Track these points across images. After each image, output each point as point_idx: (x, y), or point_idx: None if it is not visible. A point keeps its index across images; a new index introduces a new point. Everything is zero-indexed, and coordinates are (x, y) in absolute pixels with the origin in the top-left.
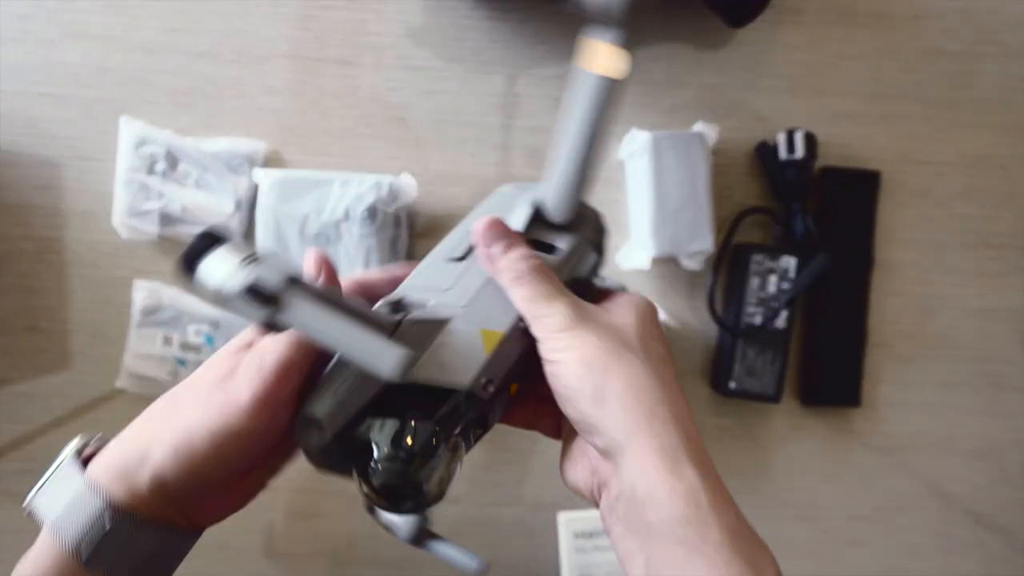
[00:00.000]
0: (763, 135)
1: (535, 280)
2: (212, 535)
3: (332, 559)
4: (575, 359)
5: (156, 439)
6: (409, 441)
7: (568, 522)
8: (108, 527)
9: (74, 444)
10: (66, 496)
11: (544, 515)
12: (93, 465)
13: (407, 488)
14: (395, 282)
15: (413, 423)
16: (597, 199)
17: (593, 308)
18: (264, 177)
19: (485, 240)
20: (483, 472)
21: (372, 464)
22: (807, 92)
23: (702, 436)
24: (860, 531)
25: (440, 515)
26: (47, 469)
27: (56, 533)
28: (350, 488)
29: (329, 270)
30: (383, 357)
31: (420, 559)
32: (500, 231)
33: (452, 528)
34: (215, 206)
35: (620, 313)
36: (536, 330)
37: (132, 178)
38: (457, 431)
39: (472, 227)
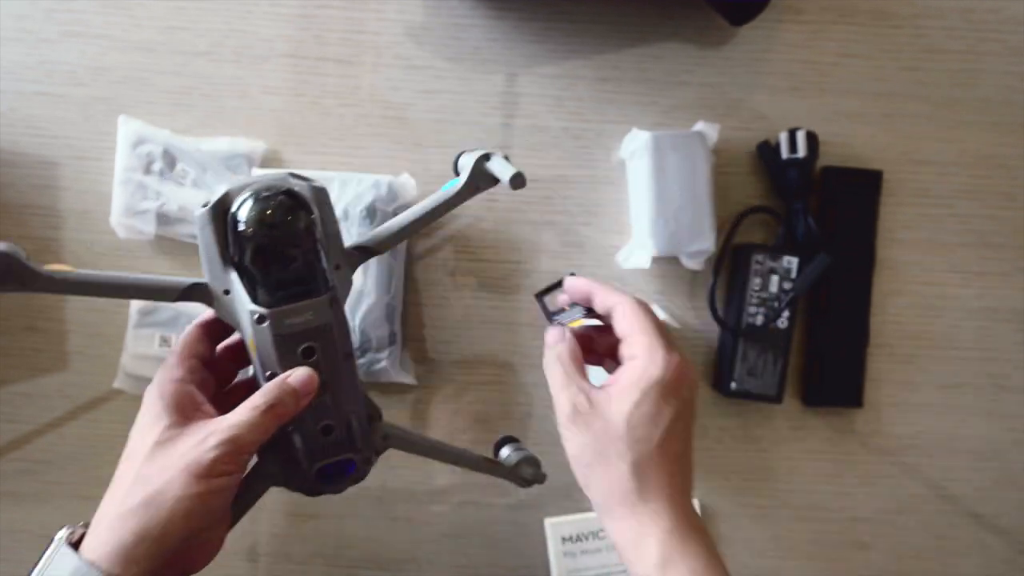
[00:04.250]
0: (764, 134)
1: (551, 368)
2: None
3: (331, 560)
4: (569, 450)
5: (148, 525)
6: None
7: (554, 527)
8: None
9: (63, 534)
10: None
11: (536, 515)
12: (85, 549)
13: None
14: None
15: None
16: (598, 198)
17: (594, 397)
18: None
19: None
20: (478, 473)
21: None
22: (809, 91)
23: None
24: (862, 532)
25: (434, 516)
26: (46, 470)
27: None
28: (351, 490)
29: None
30: None
31: (420, 559)
32: (559, 332)
33: (446, 530)
34: None
35: (620, 400)
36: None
37: (130, 178)
38: None
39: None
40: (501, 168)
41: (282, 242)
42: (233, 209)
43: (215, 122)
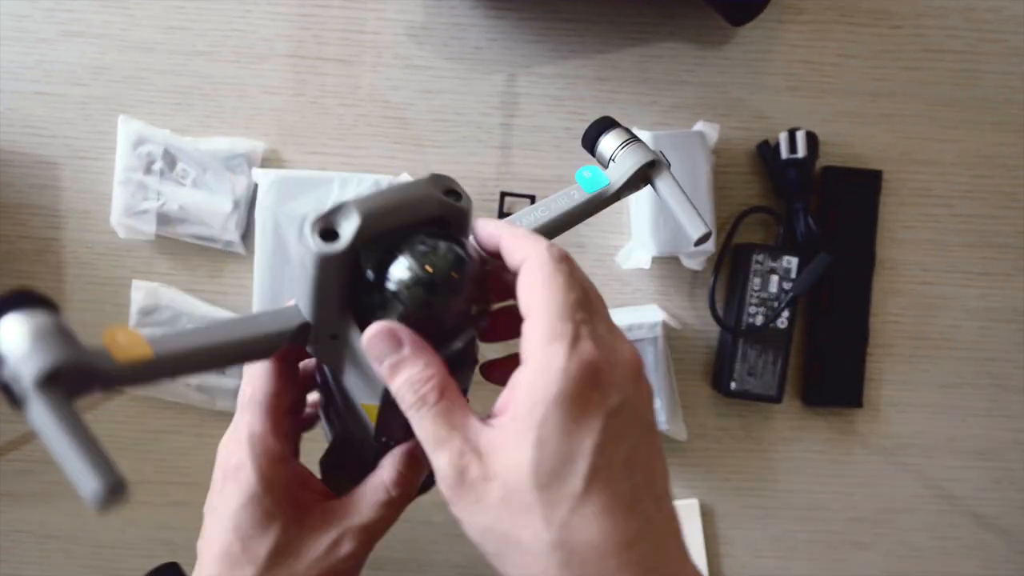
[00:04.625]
0: (764, 134)
1: (415, 418)
2: None
3: None
4: (467, 533)
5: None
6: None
7: None
8: None
9: None
10: None
11: None
12: None
13: None
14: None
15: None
16: None
17: (484, 448)
18: (263, 177)
19: (372, 354)
20: None
21: None
22: (809, 91)
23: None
24: (862, 532)
25: (434, 516)
26: (46, 470)
27: None
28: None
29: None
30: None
31: (420, 559)
32: (388, 344)
33: (446, 529)
34: (213, 206)
35: (517, 446)
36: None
37: (130, 177)
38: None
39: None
40: (678, 205)
41: (442, 306)
42: (373, 259)
43: (215, 122)
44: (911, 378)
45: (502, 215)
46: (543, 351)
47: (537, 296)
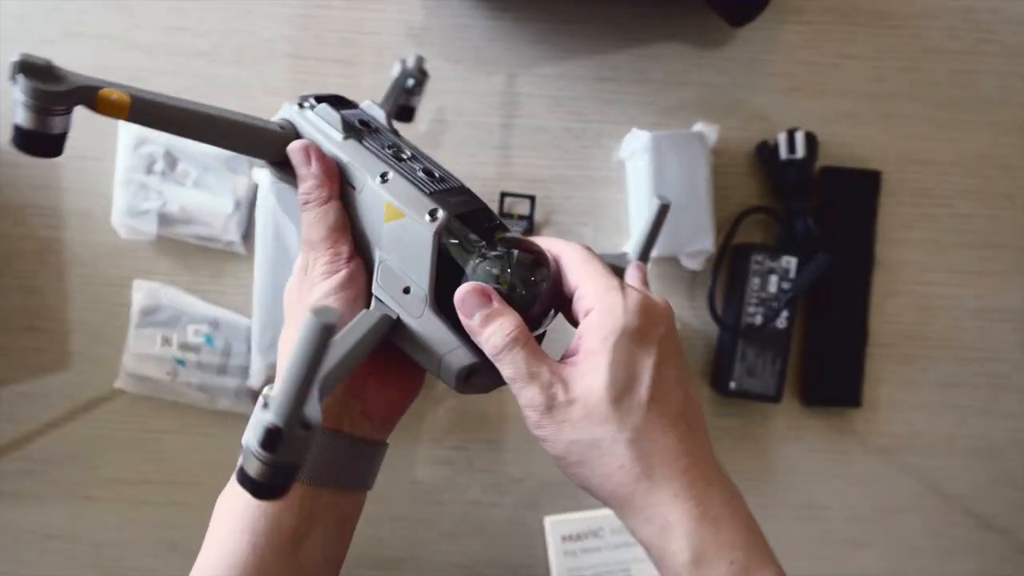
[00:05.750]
0: (764, 135)
1: (507, 358)
2: None
3: None
4: (552, 451)
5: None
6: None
7: (554, 525)
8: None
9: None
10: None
11: (536, 514)
12: None
13: None
14: None
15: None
16: (598, 198)
17: (567, 378)
18: (263, 177)
19: (464, 310)
20: (478, 472)
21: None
22: (808, 92)
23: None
24: (861, 531)
25: (434, 515)
26: (47, 469)
27: None
28: None
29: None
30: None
31: (420, 558)
32: (479, 299)
33: (446, 529)
34: (214, 206)
35: (593, 371)
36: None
37: (131, 178)
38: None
39: (456, 294)
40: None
41: (526, 306)
42: (472, 264)
43: None
44: (910, 378)
45: (502, 215)
46: (602, 299)
47: (580, 273)
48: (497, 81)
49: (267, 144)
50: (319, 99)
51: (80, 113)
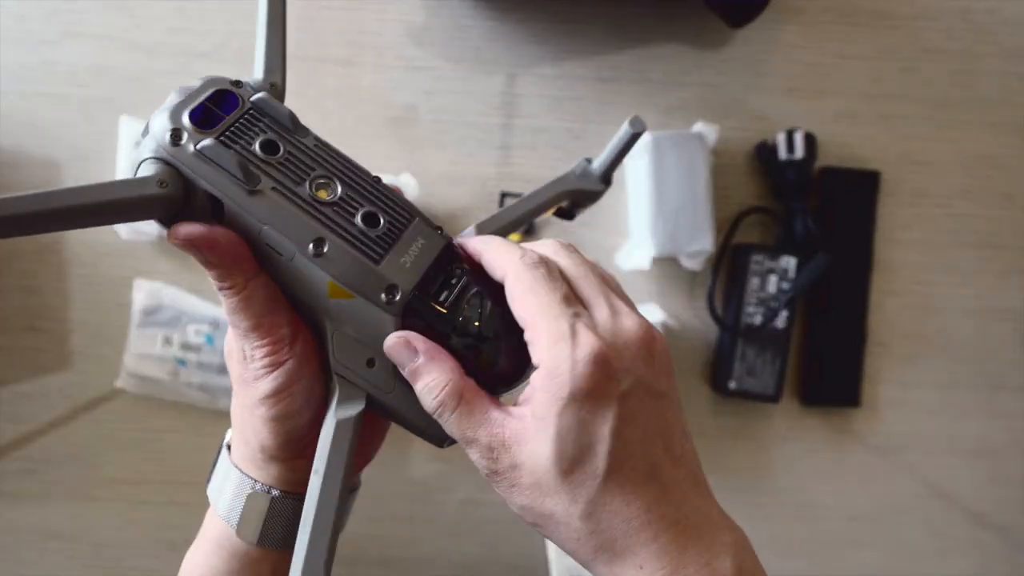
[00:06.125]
0: (763, 135)
1: (442, 421)
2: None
3: (336, 559)
4: (509, 506)
5: (241, 426)
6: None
7: None
8: (264, 505)
9: (227, 436)
10: (228, 484)
11: None
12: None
13: None
14: None
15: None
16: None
17: (509, 439)
18: None
19: (395, 360)
20: (478, 471)
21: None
22: (807, 92)
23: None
24: (859, 531)
25: (434, 514)
26: (47, 469)
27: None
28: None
29: None
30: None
31: (420, 557)
32: (403, 351)
33: (447, 528)
34: None
35: (539, 438)
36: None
37: None
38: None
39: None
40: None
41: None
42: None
43: None
44: (908, 378)
45: None
46: (548, 353)
47: (527, 307)
48: (497, 81)
49: (145, 214)
50: (196, 113)
51: (80, 113)
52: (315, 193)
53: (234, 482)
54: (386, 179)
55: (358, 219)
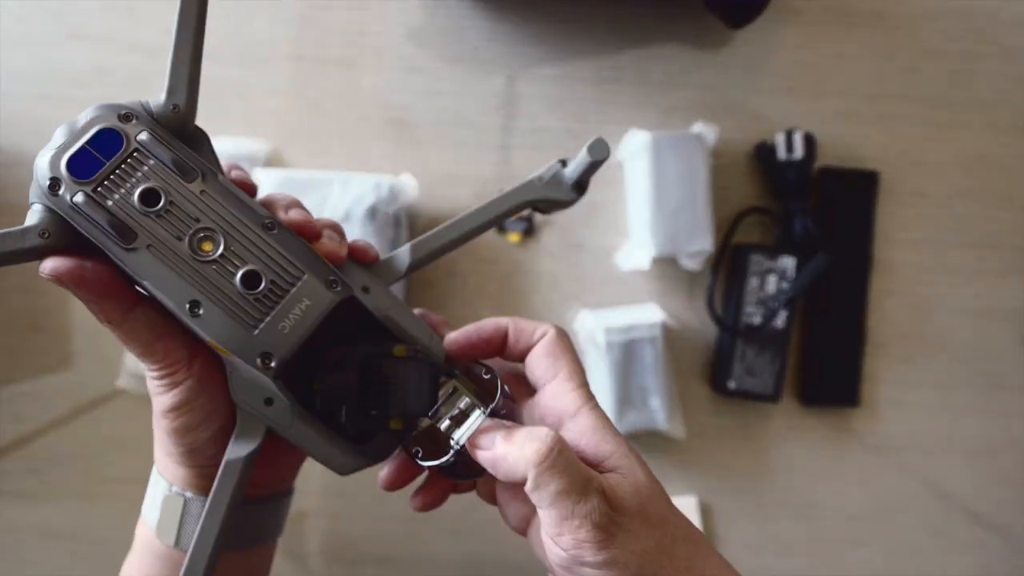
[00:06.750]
0: (762, 135)
1: (542, 480)
2: None
3: (332, 557)
4: None
5: (155, 432)
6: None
7: None
8: (179, 506)
9: None
10: (150, 488)
11: None
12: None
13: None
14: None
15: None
16: (597, 199)
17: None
18: (265, 177)
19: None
20: None
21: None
22: (806, 92)
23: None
24: (859, 530)
25: (435, 514)
26: (49, 469)
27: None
28: (353, 488)
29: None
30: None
31: (421, 557)
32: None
33: (447, 527)
34: None
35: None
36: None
37: None
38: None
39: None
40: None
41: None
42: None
43: (218, 123)
44: (907, 377)
45: None
46: (627, 459)
47: (560, 364)
48: (497, 81)
49: (32, 259)
50: (74, 160)
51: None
52: (197, 248)
53: (153, 486)
54: (386, 179)
55: (237, 279)
